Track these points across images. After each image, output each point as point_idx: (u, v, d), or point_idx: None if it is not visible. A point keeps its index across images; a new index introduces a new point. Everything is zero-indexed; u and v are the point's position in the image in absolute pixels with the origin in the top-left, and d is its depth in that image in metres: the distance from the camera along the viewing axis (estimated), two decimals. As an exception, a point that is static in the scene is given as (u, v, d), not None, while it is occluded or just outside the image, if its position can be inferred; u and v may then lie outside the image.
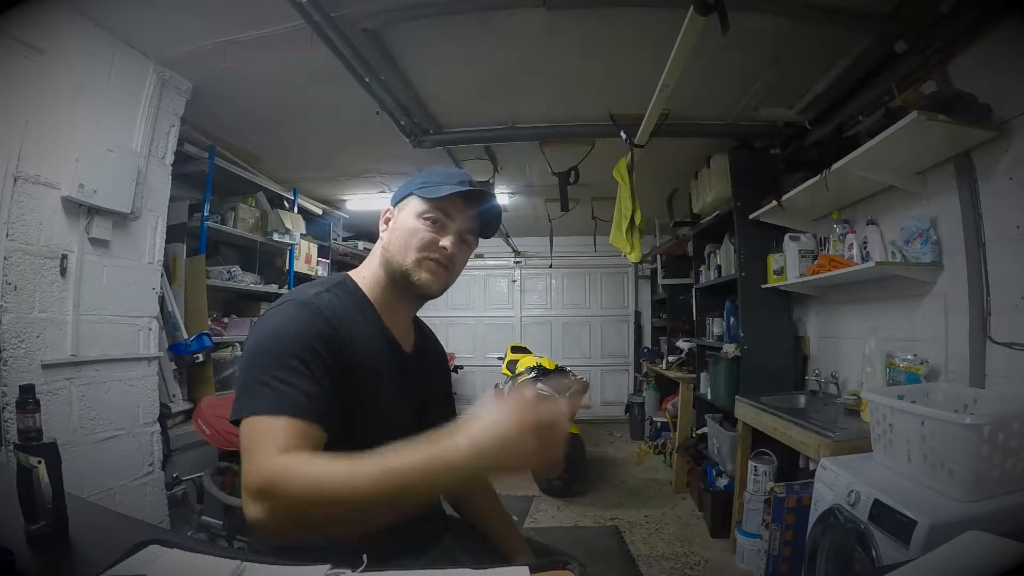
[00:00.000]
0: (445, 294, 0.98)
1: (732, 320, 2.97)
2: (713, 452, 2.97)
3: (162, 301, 2.35)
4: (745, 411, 2.37)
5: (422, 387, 0.97)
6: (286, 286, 3.64)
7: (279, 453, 0.68)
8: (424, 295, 0.95)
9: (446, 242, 0.91)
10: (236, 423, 0.74)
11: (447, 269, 0.93)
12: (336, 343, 0.80)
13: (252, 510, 0.65)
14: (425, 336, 1.07)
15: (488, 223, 0.98)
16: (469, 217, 0.94)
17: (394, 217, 0.96)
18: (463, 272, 0.98)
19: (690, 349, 3.80)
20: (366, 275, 0.96)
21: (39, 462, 0.75)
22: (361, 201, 4.38)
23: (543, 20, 1.86)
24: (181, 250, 2.70)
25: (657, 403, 4.58)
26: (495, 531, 1.03)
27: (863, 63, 2.00)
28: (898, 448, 1.36)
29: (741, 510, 2.40)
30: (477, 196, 0.94)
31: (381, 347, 0.90)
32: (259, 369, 0.75)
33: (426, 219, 0.91)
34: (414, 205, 0.93)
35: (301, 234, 3.69)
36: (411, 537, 0.79)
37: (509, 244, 5.74)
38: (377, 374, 0.86)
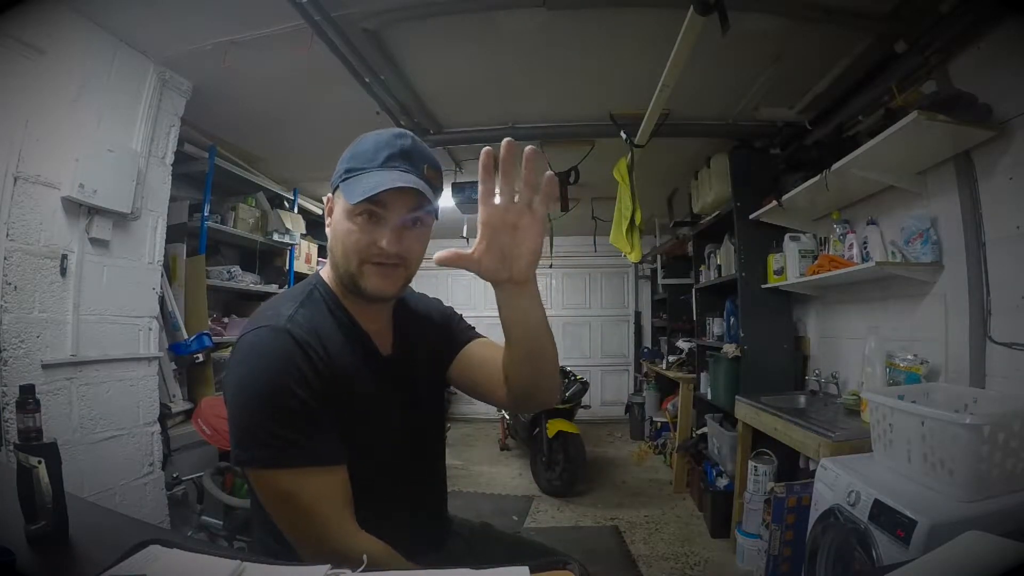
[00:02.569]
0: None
1: (732, 320, 2.97)
2: (713, 452, 2.96)
3: (162, 301, 2.35)
4: (745, 411, 2.37)
5: (404, 390, 0.88)
6: (286, 286, 3.64)
7: (346, 507, 0.73)
8: (380, 300, 0.83)
9: (384, 242, 0.76)
10: (242, 466, 0.76)
11: (399, 266, 0.80)
12: (318, 369, 0.75)
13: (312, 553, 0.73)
14: (409, 323, 0.94)
15: (430, 200, 0.80)
16: (407, 202, 0.77)
17: (333, 209, 0.82)
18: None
19: (690, 349, 3.80)
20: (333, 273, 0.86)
21: (39, 462, 0.75)
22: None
23: (543, 20, 1.86)
24: (181, 250, 2.70)
25: (657, 403, 4.58)
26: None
27: (863, 63, 2.00)
28: (898, 448, 1.36)
29: (741, 510, 2.40)
30: (408, 179, 0.75)
31: (358, 359, 0.82)
32: (262, 414, 0.72)
33: (357, 217, 0.77)
34: (342, 201, 0.78)
35: (301, 234, 3.69)
36: (412, 539, 0.78)
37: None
38: (355, 389, 0.80)
